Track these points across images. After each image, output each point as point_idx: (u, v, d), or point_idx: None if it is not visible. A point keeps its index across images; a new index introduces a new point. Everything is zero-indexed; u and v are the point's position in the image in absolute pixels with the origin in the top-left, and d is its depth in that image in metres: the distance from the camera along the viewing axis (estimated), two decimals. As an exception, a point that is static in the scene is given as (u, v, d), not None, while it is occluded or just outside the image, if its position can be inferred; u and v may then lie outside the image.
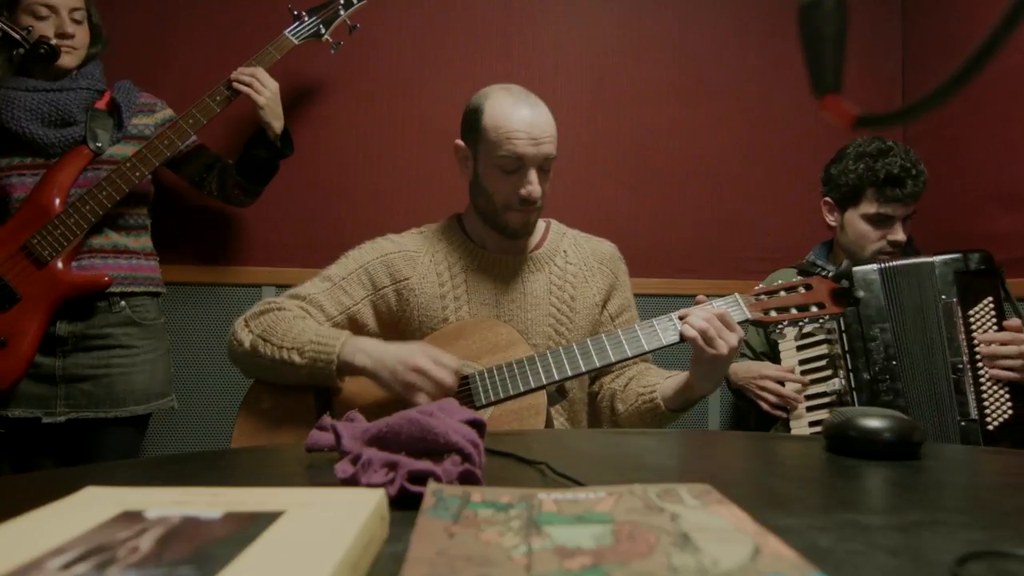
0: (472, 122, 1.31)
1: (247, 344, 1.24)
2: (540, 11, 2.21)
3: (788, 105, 2.24)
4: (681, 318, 1.19)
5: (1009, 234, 1.88)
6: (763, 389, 1.64)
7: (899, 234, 1.65)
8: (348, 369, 1.19)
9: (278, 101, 1.74)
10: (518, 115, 1.26)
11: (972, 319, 1.49)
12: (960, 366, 1.48)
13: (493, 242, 1.38)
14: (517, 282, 1.37)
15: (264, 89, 1.70)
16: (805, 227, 2.12)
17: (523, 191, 1.27)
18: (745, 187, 2.26)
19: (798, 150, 2.25)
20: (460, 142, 1.35)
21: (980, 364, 1.47)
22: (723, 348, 1.15)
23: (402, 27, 2.15)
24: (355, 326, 1.33)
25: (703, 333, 1.16)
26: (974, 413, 1.46)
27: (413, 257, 1.36)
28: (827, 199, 1.75)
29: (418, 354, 1.15)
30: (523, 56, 2.20)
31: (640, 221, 2.21)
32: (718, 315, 1.17)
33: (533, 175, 1.27)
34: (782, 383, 1.62)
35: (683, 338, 1.18)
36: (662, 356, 1.33)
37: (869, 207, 1.65)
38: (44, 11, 1.56)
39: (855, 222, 1.68)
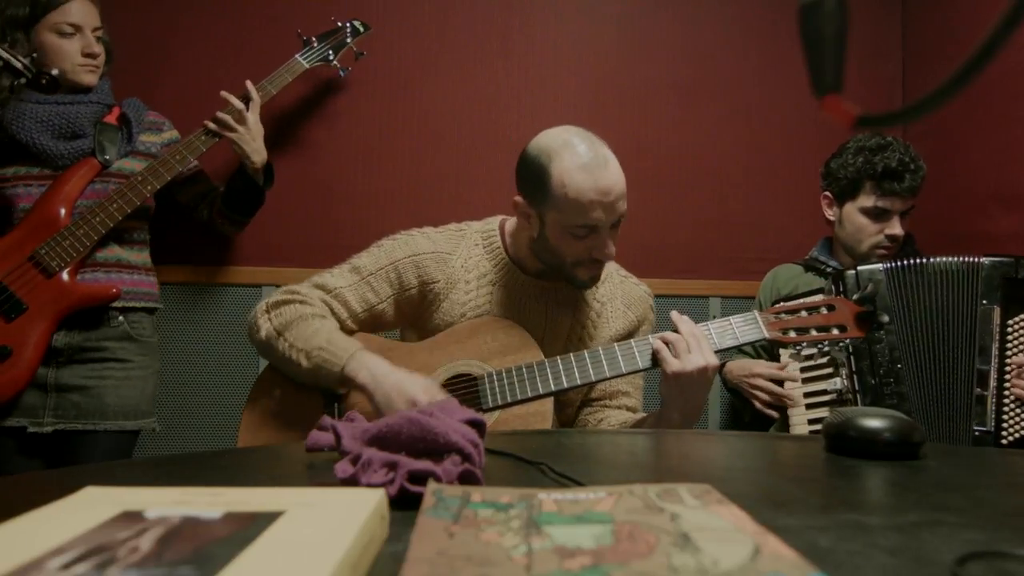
0: (536, 183, 1.21)
1: (263, 334, 1.26)
2: (540, 11, 2.21)
3: (789, 105, 2.24)
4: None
5: (1009, 234, 1.88)
6: (755, 387, 1.64)
7: (896, 228, 1.64)
8: (349, 384, 1.19)
9: (255, 136, 1.75)
10: (590, 182, 1.16)
11: (1011, 329, 1.42)
12: (986, 375, 1.42)
13: (532, 266, 1.33)
14: (541, 312, 1.33)
15: (240, 124, 1.72)
16: (806, 228, 2.11)
17: (597, 254, 1.22)
18: (746, 188, 2.26)
19: (799, 151, 2.25)
20: (520, 199, 1.27)
21: (1008, 376, 1.41)
22: (688, 364, 1.12)
23: (402, 26, 2.15)
24: (376, 320, 1.33)
25: (672, 344, 1.14)
26: (990, 424, 1.41)
27: (445, 259, 1.32)
28: (826, 193, 1.76)
29: (419, 389, 1.13)
30: (523, 56, 2.20)
31: (640, 221, 2.20)
32: (695, 334, 1.15)
33: (608, 239, 1.22)
34: (779, 383, 1.62)
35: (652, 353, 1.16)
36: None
37: (867, 200, 1.65)
38: (69, 29, 1.58)
39: (853, 215, 1.68)
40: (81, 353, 1.59)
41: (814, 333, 1.18)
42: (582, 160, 1.17)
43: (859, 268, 1.53)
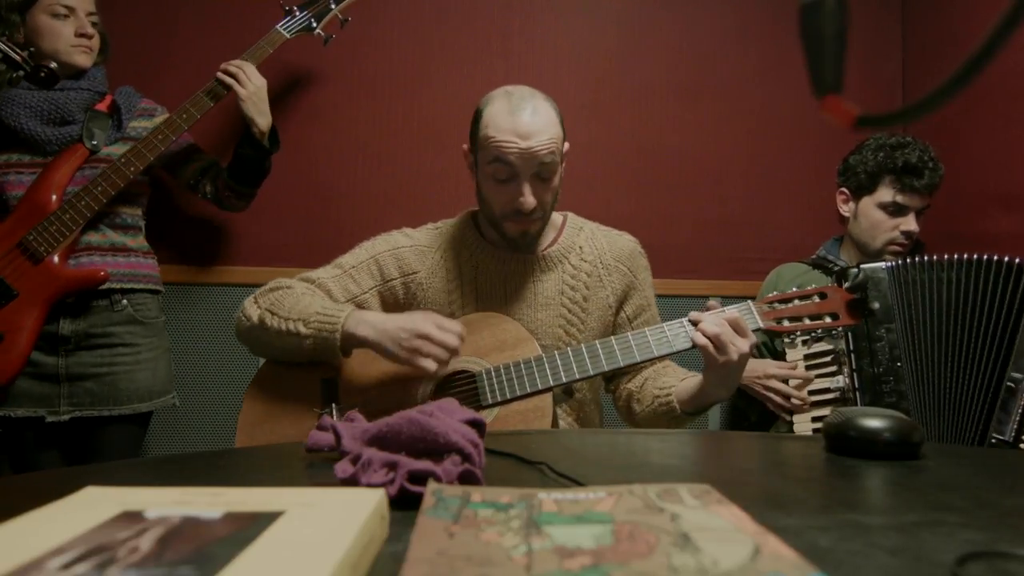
0: (473, 126, 1.30)
1: (255, 318, 1.26)
2: (540, 11, 2.21)
3: (789, 105, 2.24)
4: (694, 323, 1.17)
5: (1010, 234, 1.88)
6: (769, 389, 1.63)
7: (912, 224, 1.65)
8: (352, 341, 1.19)
9: (263, 98, 1.73)
10: (511, 122, 1.21)
11: None
12: (1019, 383, 1.38)
13: (504, 240, 1.36)
14: (527, 281, 1.35)
15: (248, 82, 1.70)
16: (806, 227, 2.11)
17: (515, 204, 1.24)
18: (746, 188, 2.26)
19: (799, 150, 2.25)
20: (466, 146, 1.35)
21: None
22: (734, 354, 1.13)
23: (401, 26, 2.15)
24: None
25: (715, 339, 1.14)
26: (1009, 435, 1.37)
27: (424, 252, 1.36)
28: (843, 190, 1.77)
29: (420, 320, 1.16)
30: (523, 56, 2.20)
31: (641, 222, 2.19)
32: (730, 320, 1.15)
33: (526, 187, 1.22)
34: (787, 381, 1.61)
35: (694, 345, 1.16)
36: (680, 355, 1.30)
37: (886, 195, 1.66)
38: (63, 10, 1.58)
39: (870, 211, 1.69)
40: (88, 339, 1.59)
41: (807, 322, 1.19)
42: (509, 104, 1.23)
43: (862, 266, 1.53)
